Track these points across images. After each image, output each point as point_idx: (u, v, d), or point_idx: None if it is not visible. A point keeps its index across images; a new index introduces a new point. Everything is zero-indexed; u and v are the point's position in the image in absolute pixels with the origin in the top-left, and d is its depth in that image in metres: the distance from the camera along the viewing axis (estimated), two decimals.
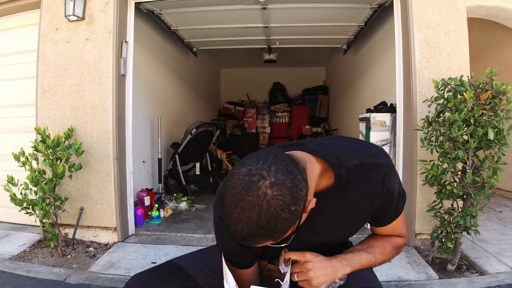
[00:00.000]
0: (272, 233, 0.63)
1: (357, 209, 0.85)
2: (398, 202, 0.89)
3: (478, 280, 1.94)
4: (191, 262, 1.00)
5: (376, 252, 0.89)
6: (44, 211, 2.20)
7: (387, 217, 0.90)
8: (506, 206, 3.47)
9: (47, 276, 2.06)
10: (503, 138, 1.82)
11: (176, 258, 1.03)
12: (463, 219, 1.88)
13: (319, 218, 0.81)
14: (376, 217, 0.89)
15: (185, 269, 0.96)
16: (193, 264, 0.99)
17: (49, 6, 2.61)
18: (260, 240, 0.64)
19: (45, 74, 2.61)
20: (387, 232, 0.94)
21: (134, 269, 2.15)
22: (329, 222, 0.85)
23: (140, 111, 3.76)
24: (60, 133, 2.43)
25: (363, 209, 0.85)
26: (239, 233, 0.63)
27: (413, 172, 2.36)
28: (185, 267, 0.97)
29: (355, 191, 0.82)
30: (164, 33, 4.28)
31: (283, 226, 0.62)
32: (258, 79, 7.68)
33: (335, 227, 0.87)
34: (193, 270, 0.97)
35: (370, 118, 2.78)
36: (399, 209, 0.90)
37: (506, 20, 2.70)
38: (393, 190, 0.85)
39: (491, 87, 1.86)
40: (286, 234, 0.66)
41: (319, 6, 3.35)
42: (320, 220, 0.83)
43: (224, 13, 3.56)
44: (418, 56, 2.35)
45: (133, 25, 2.72)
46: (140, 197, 3.24)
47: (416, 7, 2.36)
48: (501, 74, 2.13)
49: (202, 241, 2.64)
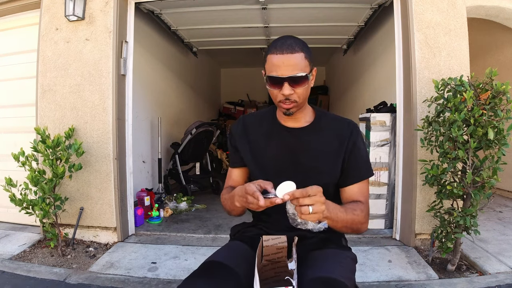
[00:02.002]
0: (306, 47, 0.96)
1: (330, 145, 1.06)
2: (363, 165, 1.07)
3: (478, 280, 1.94)
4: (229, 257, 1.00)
5: (348, 211, 0.95)
6: (44, 211, 2.20)
7: (353, 175, 1.06)
8: (506, 206, 3.47)
9: (47, 276, 2.06)
10: (503, 138, 1.82)
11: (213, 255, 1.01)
12: (463, 219, 1.88)
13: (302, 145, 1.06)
14: (345, 173, 1.06)
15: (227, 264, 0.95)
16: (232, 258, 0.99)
17: (49, 6, 2.61)
18: (296, 45, 0.94)
19: (45, 74, 2.61)
20: (352, 194, 1.06)
21: (134, 269, 2.15)
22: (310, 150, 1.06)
23: (140, 111, 3.76)
24: (60, 133, 2.43)
25: (334, 147, 1.06)
26: (286, 40, 0.95)
27: (413, 172, 2.36)
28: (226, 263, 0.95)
29: (328, 132, 1.07)
30: (164, 33, 4.28)
31: (309, 51, 0.97)
32: (258, 79, 7.58)
33: (316, 159, 1.06)
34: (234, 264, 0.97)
35: (370, 118, 2.78)
36: (363, 175, 1.07)
37: (506, 20, 2.70)
38: (359, 147, 1.07)
39: (491, 87, 1.86)
40: (307, 69, 0.96)
41: (319, 6, 3.35)
42: (304, 145, 1.07)
43: (224, 13, 3.56)
44: (418, 56, 2.35)
45: (133, 25, 2.72)
46: (140, 197, 3.25)
47: (416, 7, 2.36)
48: (501, 74, 2.13)
49: (202, 241, 2.64)
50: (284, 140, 1.08)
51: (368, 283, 1.95)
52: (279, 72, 0.94)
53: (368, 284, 1.94)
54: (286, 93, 0.95)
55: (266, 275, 0.97)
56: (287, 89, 0.95)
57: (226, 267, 0.93)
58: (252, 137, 1.12)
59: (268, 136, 1.10)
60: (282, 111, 1.02)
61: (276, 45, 0.95)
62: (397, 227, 2.60)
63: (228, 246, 1.09)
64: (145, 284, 1.98)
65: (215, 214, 3.36)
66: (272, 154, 1.08)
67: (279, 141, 1.08)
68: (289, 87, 0.95)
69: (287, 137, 1.08)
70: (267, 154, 1.09)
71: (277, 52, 0.94)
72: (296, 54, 0.93)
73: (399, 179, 2.56)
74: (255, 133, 1.12)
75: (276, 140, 1.09)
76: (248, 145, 1.11)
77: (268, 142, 1.10)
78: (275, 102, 1.02)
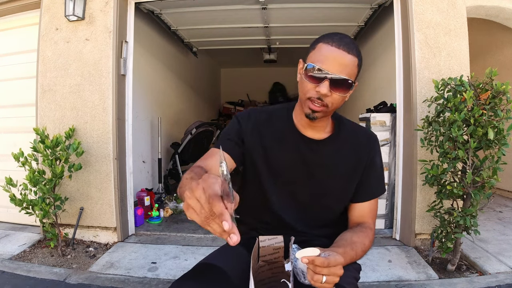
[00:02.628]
0: (360, 56, 0.87)
1: (348, 163, 0.98)
2: (377, 183, 1.01)
3: (478, 280, 1.94)
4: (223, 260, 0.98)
5: (358, 248, 0.89)
6: (44, 211, 2.20)
7: (366, 192, 1.00)
8: (506, 206, 3.47)
9: (47, 276, 2.06)
10: (503, 138, 1.82)
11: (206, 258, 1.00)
12: (463, 219, 1.88)
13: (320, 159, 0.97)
14: (357, 188, 0.99)
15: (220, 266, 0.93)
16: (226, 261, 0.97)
17: (49, 6, 2.61)
18: (354, 48, 0.84)
19: (45, 74, 2.61)
20: (362, 213, 1.00)
21: (134, 269, 2.15)
22: (327, 166, 0.97)
23: (140, 111, 3.76)
24: (60, 133, 2.43)
25: (352, 166, 0.98)
26: (344, 37, 0.85)
27: (413, 172, 2.36)
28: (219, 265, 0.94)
29: (347, 147, 0.98)
30: (164, 33, 4.28)
31: (362, 62, 0.89)
32: (258, 79, 7.68)
33: (330, 176, 0.98)
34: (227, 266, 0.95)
35: (370, 118, 2.78)
36: (376, 192, 1.01)
37: (506, 20, 2.69)
38: (376, 164, 1.01)
39: (491, 87, 1.86)
40: (353, 78, 0.86)
41: (319, 6, 3.35)
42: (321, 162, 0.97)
43: (224, 13, 3.56)
44: (418, 56, 2.35)
45: (133, 25, 2.72)
46: (140, 197, 3.24)
47: (416, 7, 2.36)
48: (501, 74, 2.13)
49: (202, 241, 2.64)
50: (300, 151, 0.97)
51: (368, 283, 1.95)
52: (325, 65, 0.82)
53: (368, 284, 1.94)
54: (323, 91, 0.83)
55: (263, 276, 0.96)
56: (325, 87, 0.83)
57: (218, 270, 0.91)
58: (267, 141, 0.99)
59: (283, 142, 0.99)
60: (306, 111, 0.89)
61: (333, 37, 0.85)
62: (397, 227, 2.60)
63: (224, 248, 1.06)
64: (145, 284, 1.98)
65: None
66: (287, 164, 0.98)
67: (295, 152, 0.98)
68: (328, 86, 0.83)
69: (305, 149, 0.97)
70: (280, 163, 0.98)
71: (333, 44, 0.83)
72: (351, 56, 0.83)
73: (399, 179, 2.56)
74: (268, 136, 0.99)
75: (291, 148, 0.98)
76: (263, 151, 0.98)
77: (281, 147, 0.98)
78: (303, 98, 0.89)
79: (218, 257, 0.98)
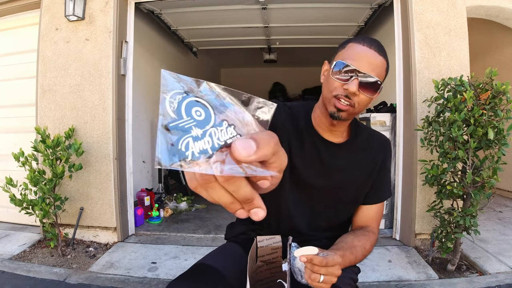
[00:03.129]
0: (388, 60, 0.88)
1: (363, 170, 0.98)
2: (385, 187, 1.02)
3: (478, 280, 1.94)
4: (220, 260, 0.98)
5: (358, 252, 0.90)
6: (44, 211, 2.20)
7: (374, 196, 1.00)
8: (506, 206, 3.47)
9: (47, 276, 2.06)
10: (503, 138, 1.82)
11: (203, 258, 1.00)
12: (463, 219, 1.88)
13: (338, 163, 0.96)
14: (368, 192, 1.00)
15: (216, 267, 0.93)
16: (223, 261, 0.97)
17: (49, 6, 2.61)
18: (384, 51, 0.87)
19: (45, 74, 2.61)
20: (368, 216, 1.01)
21: (134, 269, 2.15)
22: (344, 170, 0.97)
23: (140, 111, 3.76)
24: (60, 133, 2.43)
25: (366, 173, 0.98)
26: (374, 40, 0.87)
27: (413, 172, 2.36)
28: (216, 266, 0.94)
29: (364, 153, 0.99)
30: (164, 33, 4.28)
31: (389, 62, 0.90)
32: (258, 79, 7.68)
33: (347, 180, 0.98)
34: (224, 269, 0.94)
35: (370, 118, 2.77)
36: (385, 196, 1.02)
37: (506, 20, 2.70)
38: (387, 169, 1.02)
39: (491, 87, 1.86)
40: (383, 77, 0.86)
41: (319, 6, 3.35)
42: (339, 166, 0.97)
43: (224, 13, 3.56)
44: (418, 56, 2.35)
45: (133, 25, 2.72)
46: (140, 197, 3.24)
47: (416, 7, 2.36)
48: (501, 74, 2.13)
49: (202, 241, 2.64)
50: (319, 154, 0.96)
51: (368, 283, 1.95)
52: (355, 63, 0.82)
53: (368, 284, 1.94)
54: (352, 89, 0.82)
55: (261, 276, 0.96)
56: (354, 85, 0.82)
57: (214, 270, 0.91)
58: (292, 139, 0.96)
59: (303, 142, 0.96)
60: (330, 110, 0.87)
61: (364, 38, 0.87)
62: (397, 227, 2.60)
63: (221, 248, 1.06)
64: (145, 284, 1.98)
65: (215, 214, 3.36)
66: (306, 165, 0.96)
67: (314, 154, 0.96)
68: (357, 84, 0.82)
69: (323, 151, 0.96)
70: (300, 163, 0.95)
71: (364, 44, 0.84)
72: (381, 57, 0.85)
73: (399, 179, 2.56)
74: (292, 133, 0.96)
75: (311, 150, 0.96)
76: (288, 147, 0.95)
77: (303, 147, 0.96)
78: (329, 96, 0.87)
79: (216, 258, 0.98)
